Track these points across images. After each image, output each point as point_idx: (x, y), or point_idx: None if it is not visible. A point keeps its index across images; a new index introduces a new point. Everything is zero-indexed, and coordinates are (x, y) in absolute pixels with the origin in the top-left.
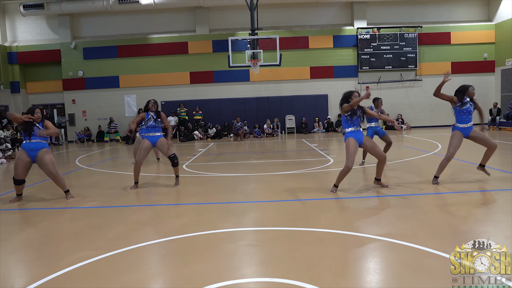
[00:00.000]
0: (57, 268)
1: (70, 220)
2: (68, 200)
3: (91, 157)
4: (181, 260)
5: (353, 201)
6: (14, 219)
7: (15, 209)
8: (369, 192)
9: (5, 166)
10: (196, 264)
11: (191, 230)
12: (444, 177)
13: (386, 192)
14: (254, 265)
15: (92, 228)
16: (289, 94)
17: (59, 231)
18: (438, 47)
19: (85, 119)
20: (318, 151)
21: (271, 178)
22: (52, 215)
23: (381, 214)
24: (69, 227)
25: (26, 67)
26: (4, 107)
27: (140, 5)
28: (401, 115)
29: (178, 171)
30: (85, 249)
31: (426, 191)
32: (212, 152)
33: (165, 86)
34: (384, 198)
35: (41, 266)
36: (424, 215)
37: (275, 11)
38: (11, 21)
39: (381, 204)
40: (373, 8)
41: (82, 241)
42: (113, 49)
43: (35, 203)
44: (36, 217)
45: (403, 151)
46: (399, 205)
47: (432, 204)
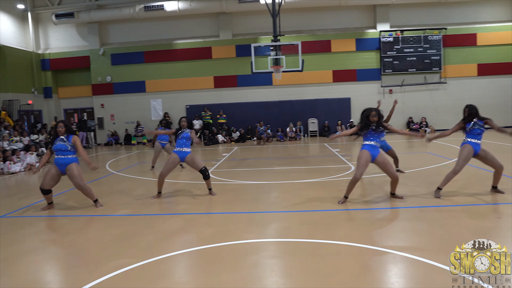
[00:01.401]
0: (96, 275)
1: (104, 228)
2: (98, 208)
3: (120, 162)
4: (207, 270)
5: (369, 213)
6: (52, 227)
7: (52, 216)
8: (386, 203)
9: (41, 170)
10: (222, 274)
11: (217, 240)
12: (460, 188)
13: (403, 204)
14: (275, 276)
15: (125, 236)
16: (312, 97)
17: (96, 239)
18: (463, 48)
19: (113, 122)
20: (340, 157)
21: (293, 186)
22: (89, 223)
23: (397, 227)
24: (105, 235)
25: (58, 73)
26: (38, 111)
27: (165, 11)
28: (425, 118)
29: (210, 183)
30: (121, 257)
31: (443, 203)
32: (235, 157)
33: (190, 91)
34: (401, 210)
35: (83, 273)
36: (440, 229)
37: (297, 15)
38: (44, 29)
39: (397, 216)
40: (396, 10)
41: (118, 250)
42: (140, 55)
43: (70, 210)
44: (75, 224)
45: (424, 158)
46: (415, 217)
47: (448, 217)
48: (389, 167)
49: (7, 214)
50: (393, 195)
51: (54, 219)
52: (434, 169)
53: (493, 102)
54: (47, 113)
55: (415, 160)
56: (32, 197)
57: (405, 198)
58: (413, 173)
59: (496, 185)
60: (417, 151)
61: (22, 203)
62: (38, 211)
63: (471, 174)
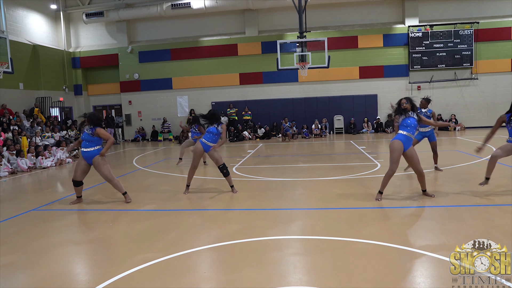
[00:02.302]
0: (123, 269)
1: (131, 222)
2: (127, 202)
3: (146, 158)
4: (231, 266)
5: (396, 211)
6: (83, 220)
7: (81, 209)
8: (413, 201)
9: (71, 165)
10: (245, 270)
11: (241, 236)
12: (491, 187)
13: (430, 202)
14: (298, 274)
15: (151, 231)
16: (338, 94)
17: (123, 233)
18: (496, 43)
19: (140, 119)
20: (366, 154)
21: (317, 183)
22: (116, 217)
23: (424, 226)
24: (131, 229)
25: (88, 71)
26: (69, 108)
27: (192, 9)
28: (455, 115)
29: (231, 180)
30: (146, 252)
31: (472, 203)
32: (260, 154)
33: (216, 87)
34: (429, 208)
35: (110, 266)
36: (468, 230)
37: (323, 11)
38: (75, 28)
39: (424, 215)
40: (426, 5)
41: (144, 244)
42: (167, 52)
43: (97, 205)
44: (100, 218)
45: (453, 156)
46: (442, 216)
47: (477, 217)
48: (416, 162)
49: (39, 207)
50: (424, 192)
51: (82, 213)
52: (464, 168)
53: None
54: (77, 109)
55: (444, 159)
56: (62, 191)
57: (434, 196)
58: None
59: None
60: (446, 149)
61: (52, 197)
62: (67, 204)
63: (505, 173)
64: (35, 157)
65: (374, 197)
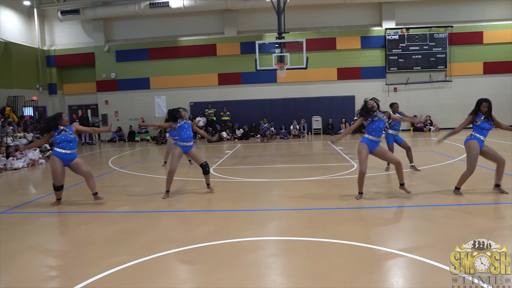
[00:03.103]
0: (94, 272)
1: (104, 224)
2: (99, 202)
3: (123, 158)
4: (205, 268)
5: (371, 211)
6: (53, 223)
7: (54, 212)
8: (388, 202)
9: (44, 166)
10: (220, 272)
11: (216, 238)
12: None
13: (404, 202)
14: (273, 275)
15: (125, 233)
16: (316, 95)
17: (96, 236)
18: (469, 47)
19: (117, 119)
20: (343, 155)
21: (294, 184)
22: (88, 219)
23: (398, 226)
24: (104, 232)
25: (63, 70)
26: (43, 108)
27: (170, 8)
28: (430, 117)
29: (209, 179)
30: (119, 255)
31: (445, 202)
32: (238, 154)
33: (194, 88)
34: (402, 208)
35: (80, 270)
36: (440, 229)
37: (302, 12)
38: (50, 26)
39: (398, 215)
40: (402, 8)
41: (117, 246)
42: (144, 52)
43: (71, 206)
44: (73, 220)
45: (428, 156)
46: (416, 216)
47: (450, 217)
48: (388, 154)
49: (7, 210)
50: (402, 186)
51: (54, 215)
52: (438, 168)
53: (498, 101)
54: (51, 109)
55: (419, 159)
56: (34, 193)
57: (412, 195)
58: (415, 171)
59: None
60: (421, 150)
61: (23, 199)
62: (39, 207)
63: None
64: (6, 158)
65: (349, 198)
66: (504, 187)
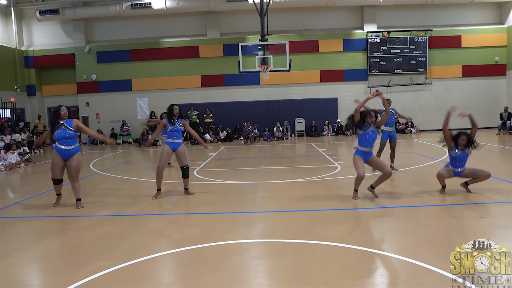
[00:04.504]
0: (77, 278)
1: (87, 228)
2: (79, 209)
3: (104, 161)
4: (191, 272)
5: (355, 212)
6: (34, 227)
7: (34, 216)
8: (372, 203)
9: (23, 169)
10: (205, 275)
11: (201, 241)
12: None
13: (389, 203)
14: (259, 278)
15: (108, 237)
16: (299, 97)
17: (78, 240)
18: (448, 50)
19: (98, 121)
20: (327, 156)
21: (279, 186)
22: (70, 223)
23: (382, 227)
24: (87, 236)
25: (42, 71)
26: (21, 109)
27: (152, 10)
28: (411, 119)
29: (188, 183)
30: (103, 259)
31: (428, 203)
32: (222, 157)
33: (177, 90)
34: (387, 209)
35: (62, 276)
36: (423, 229)
37: (285, 15)
38: (28, 26)
39: (382, 215)
40: (383, 12)
41: (100, 251)
42: (126, 53)
43: (53, 210)
44: (55, 225)
45: (410, 158)
46: (400, 217)
47: (432, 217)
48: (382, 164)
49: None
50: (372, 189)
51: (33, 220)
52: (420, 169)
53: (476, 104)
54: (30, 111)
55: (401, 161)
56: (12, 197)
57: (379, 197)
58: (399, 172)
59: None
60: (402, 151)
61: (1, 203)
62: (17, 210)
63: None
64: None
65: (334, 199)
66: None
